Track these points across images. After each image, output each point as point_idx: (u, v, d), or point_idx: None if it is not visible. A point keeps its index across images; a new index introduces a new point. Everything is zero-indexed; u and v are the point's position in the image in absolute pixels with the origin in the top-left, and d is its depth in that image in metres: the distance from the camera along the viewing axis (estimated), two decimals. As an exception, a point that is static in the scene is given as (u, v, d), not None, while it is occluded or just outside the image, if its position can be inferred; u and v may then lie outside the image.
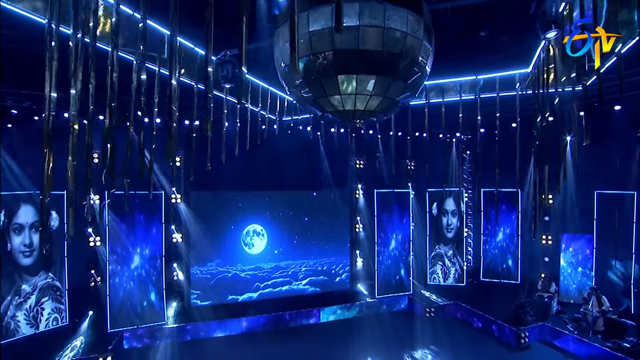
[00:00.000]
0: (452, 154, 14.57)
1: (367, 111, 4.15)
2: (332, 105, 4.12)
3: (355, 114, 4.15)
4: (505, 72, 9.52)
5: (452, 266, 14.07)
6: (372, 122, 4.83)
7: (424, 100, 10.39)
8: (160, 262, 10.74)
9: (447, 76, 9.75)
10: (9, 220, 9.61)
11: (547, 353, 9.80)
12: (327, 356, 9.59)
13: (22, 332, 9.64)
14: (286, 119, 11.60)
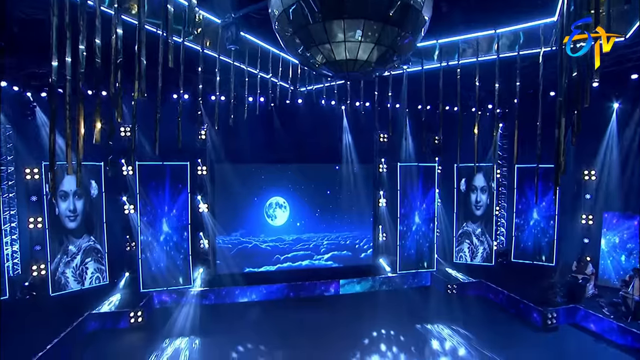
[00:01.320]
0: (484, 127, 13.71)
1: (359, 61, 4.00)
2: (323, 56, 4.03)
3: (347, 64, 4.03)
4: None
5: (480, 245, 13.53)
6: (370, 76, 4.64)
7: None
8: (187, 230, 11.33)
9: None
10: (55, 188, 10.59)
11: (575, 336, 9.24)
12: (342, 325, 9.73)
13: (71, 287, 10.75)
14: (308, 88, 11.48)
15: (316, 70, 4.57)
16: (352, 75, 4.40)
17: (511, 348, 8.37)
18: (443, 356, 8.19)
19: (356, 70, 4.19)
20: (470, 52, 8.77)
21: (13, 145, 11.19)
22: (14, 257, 11.39)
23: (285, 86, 9.98)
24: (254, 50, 8.38)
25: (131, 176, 11.28)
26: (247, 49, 8.10)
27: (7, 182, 11.17)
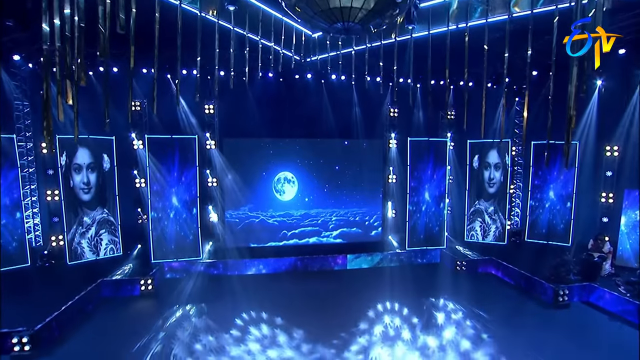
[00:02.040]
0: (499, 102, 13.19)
1: (354, 9, 3.79)
2: (317, 4, 3.84)
3: (342, 12, 3.82)
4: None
5: (493, 223, 13.22)
6: (370, 31, 4.40)
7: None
8: (196, 204, 11.50)
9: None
10: (69, 161, 10.90)
11: (588, 314, 8.95)
12: (347, 297, 9.76)
13: (86, 257, 11.17)
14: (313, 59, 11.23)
15: (311, 22, 4.39)
16: (348, 27, 4.20)
17: (518, 323, 8.20)
18: (446, 328, 8.09)
19: (352, 20, 3.99)
20: (482, 13, 8.23)
21: (31, 121, 11.50)
22: (35, 229, 11.88)
23: (290, 55, 9.74)
24: (255, 15, 8.18)
25: (141, 150, 11.45)
26: (248, 12, 7.90)
27: (27, 158, 11.53)
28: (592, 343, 7.58)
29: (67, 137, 10.79)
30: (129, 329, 8.01)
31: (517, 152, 13.64)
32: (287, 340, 7.59)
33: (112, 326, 8.23)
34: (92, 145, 11.19)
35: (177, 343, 7.41)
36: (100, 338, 7.71)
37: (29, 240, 11.11)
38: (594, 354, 7.15)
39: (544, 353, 7.02)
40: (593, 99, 11.41)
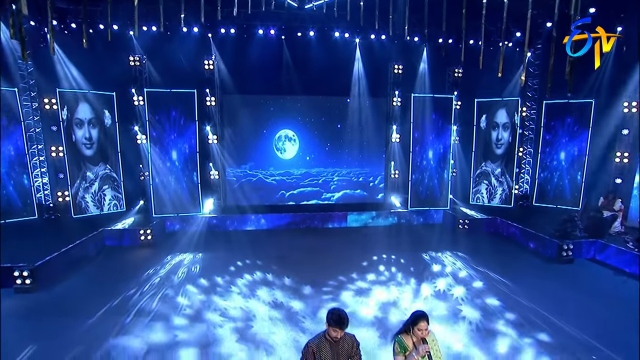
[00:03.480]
0: (509, 58, 12.57)
1: None
2: None
3: None
4: None
5: (499, 186, 12.83)
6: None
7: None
8: (196, 160, 11.50)
9: None
10: (71, 115, 10.98)
11: (592, 269, 8.66)
12: (344, 250, 9.73)
13: (90, 211, 11.39)
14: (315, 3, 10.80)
15: None
16: None
17: (518, 276, 7.98)
18: (443, 277, 7.96)
19: None
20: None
21: (35, 81, 11.54)
22: (44, 188, 12.13)
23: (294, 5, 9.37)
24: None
25: (142, 106, 11.42)
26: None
27: (33, 118, 11.66)
28: (593, 294, 7.33)
29: (67, 90, 10.88)
30: (126, 272, 8.18)
31: (528, 112, 13.02)
32: (279, 283, 7.61)
33: (110, 269, 8.43)
34: (93, 101, 11.22)
35: (170, 284, 7.51)
36: (97, 279, 7.91)
37: (39, 198, 11.36)
38: (593, 303, 6.91)
39: (541, 301, 6.83)
40: (610, 52, 10.63)
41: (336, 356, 3.15)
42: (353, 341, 3.27)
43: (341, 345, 3.18)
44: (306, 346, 3.18)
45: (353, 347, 3.24)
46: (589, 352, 5.28)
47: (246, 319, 6.23)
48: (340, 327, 3.06)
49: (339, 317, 3.06)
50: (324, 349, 3.14)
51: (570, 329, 5.88)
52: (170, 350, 5.32)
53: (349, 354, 3.23)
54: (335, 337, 3.11)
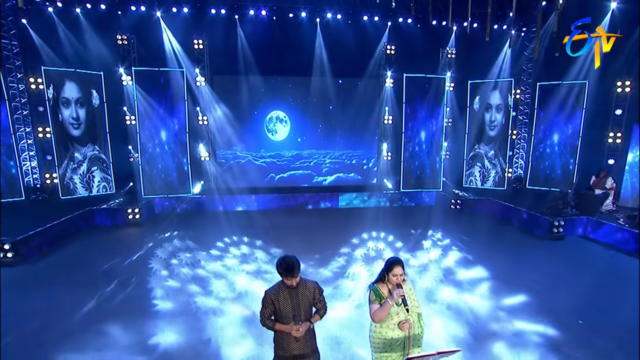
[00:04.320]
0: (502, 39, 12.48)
1: None
2: None
3: None
4: None
5: (493, 168, 12.75)
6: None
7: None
8: (185, 142, 11.36)
9: None
10: (57, 94, 10.80)
11: (582, 244, 8.60)
12: (333, 229, 9.63)
13: (79, 193, 11.24)
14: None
15: None
16: None
17: (506, 250, 7.93)
18: (430, 250, 7.88)
19: None
20: None
21: (21, 62, 11.33)
22: (33, 172, 11.95)
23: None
24: None
25: (130, 87, 11.24)
26: None
27: (20, 100, 11.46)
28: (581, 266, 7.29)
29: (53, 69, 10.69)
30: (111, 248, 8.07)
31: (521, 94, 12.91)
32: (265, 257, 7.51)
33: (95, 246, 8.31)
34: (80, 80, 11.04)
35: (155, 259, 7.41)
36: (82, 254, 7.78)
37: (27, 182, 11.21)
38: (580, 273, 6.86)
39: (527, 270, 6.77)
40: (603, 24, 10.47)
41: (296, 303, 3.04)
42: (315, 288, 3.15)
43: (301, 293, 3.06)
44: (264, 295, 3.07)
45: (315, 293, 3.13)
46: (575, 316, 5.22)
47: (229, 289, 6.13)
48: (292, 275, 2.94)
49: (288, 265, 2.94)
50: (282, 297, 3.03)
51: (555, 296, 5.82)
52: (151, 318, 5.23)
53: (310, 301, 3.11)
54: (291, 285, 3.01)
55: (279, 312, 3.03)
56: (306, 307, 3.08)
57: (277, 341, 3.14)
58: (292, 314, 3.02)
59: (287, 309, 3.02)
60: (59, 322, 5.06)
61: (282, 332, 3.05)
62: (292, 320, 3.01)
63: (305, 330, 3.02)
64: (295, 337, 3.03)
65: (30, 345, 4.56)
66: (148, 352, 4.46)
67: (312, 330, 3.19)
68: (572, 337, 4.75)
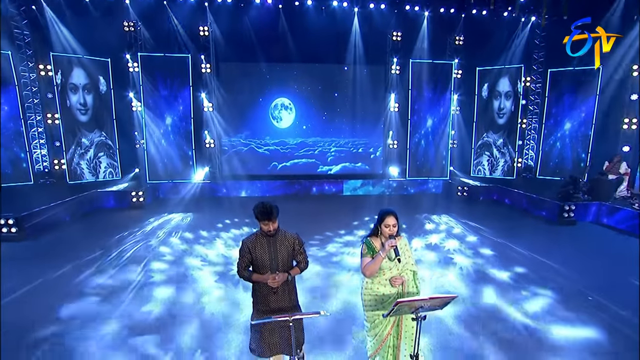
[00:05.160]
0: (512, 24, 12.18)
1: None
2: None
3: None
4: None
5: (501, 157, 12.43)
6: None
7: None
8: (190, 127, 11.40)
9: None
10: (65, 80, 10.95)
11: (596, 231, 8.26)
12: (336, 213, 9.52)
13: (86, 178, 11.35)
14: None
15: None
16: None
17: (514, 235, 7.65)
18: (436, 233, 7.69)
19: None
20: None
21: (32, 51, 11.52)
22: (43, 160, 12.14)
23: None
24: None
25: (136, 73, 11.33)
26: None
27: (32, 88, 11.65)
28: (591, 249, 7.01)
29: (61, 54, 10.83)
30: (114, 227, 8.10)
31: (531, 81, 12.56)
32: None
33: (98, 225, 8.37)
34: (88, 66, 11.17)
35: (155, 237, 7.40)
36: (85, 232, 7.83)
37: (37, 169, 11.36)
38: (590, 256, 6.58)
39: (536, 253, 6.52)
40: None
41: (274, 252, 2.91)
42: (295, 239, 3.02)
43: (280, 242, 2.94)
44: (241, 244, 2.95)
45: (295, 244, 3.00)
46: (584, 294, 4.98)
47: (226, 263, 6.06)
48: (269, 219, 2.83)
49: (264, 208, 2.82)
50: (259, 245, 2.91)
51: (565, 276, 5.58)
52: (146, 287, 5.18)
53: (289, 252, 2.98)
54: (269, 231, 2.87)
55: (256, 262, 2.90)
56: (284, 257, 2.95)
57: (255, 294, 3.01)
58: (269, 263, 2.89)
59: (264, 258, 2.89)
60: (58, 285, 5.06)
61: (260, 283, 2.93)
62: (269, 270, 2.89)
63: (282, 280, 2.87)
64: (272, 289, 2.90)
65: (31, 303, 4.56)
66: (143, 317, 4.42)
67: (292, 285, 3.04)
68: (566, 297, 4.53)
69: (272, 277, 2.83)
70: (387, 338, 3.17)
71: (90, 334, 4.02)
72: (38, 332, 4.00)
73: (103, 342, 3.86)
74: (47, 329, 4.09)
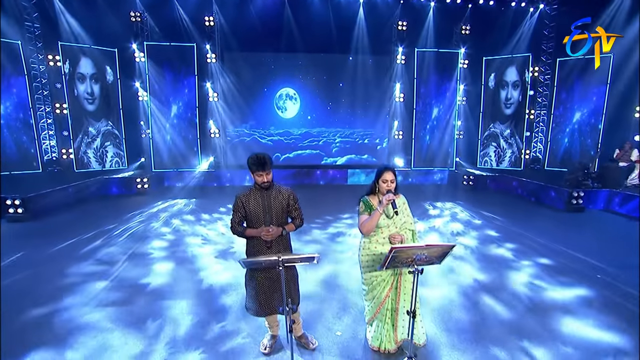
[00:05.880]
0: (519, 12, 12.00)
1: None
2: None
3: None
4: None
5: (509, 148, 12.25)
6: None
7: None
8: (195, 117, 11.46)
9: None
10: (73, 69, 11.10)
11: (603, 216, 8.06)
12: (339, 200, 9.45)
13: (93, 167, 11.49)
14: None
15: None
16: None
17: (519, 219, 7.51)
18: (441, 217, 7.57)
19: None
20: None
21: (42, 44, 11.69)
22: (52, 150, 12.31)
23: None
24: None
25: (142, 63, 11.44)
26: None
27: (41, 80, 11.83)
28: (599, 232, 6.81)
29: (69, 44, 10.99)
30: (118, 210, 8.16)
31: (539, 71, 12.35)
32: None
33: (103, 209, 8.43)
34: (95, 56, 11.31)
35: (157, 219, 7.43)
36: (90, 214, 7.90)
37: (47, 159, 11.52)
38: (598, 238, 6.41)
39: (542, 235, 6.37)
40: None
41: (267, 206, 2.86)
42: (290, 194, 2.97)
43: (274, 196, 2.89)
44: (235, 199, 2.92)
45: (289, 199, 2.95)
46: (593, 272, 4.84)
47: (228, 242, 6.05)
48: (263, 169, 2.78)
49: (258, 159, 2.76)
50: (252, 199, 2.87)
51: (572, 255, 5.43)
52: (145, 261, 5.19)
53: (284, 207, 2.93)
54: (263, 182, 2.83)
55: (250, 216, 2.87)
56: (278, 211, 2.90)
57: (249, 250, 2.98)
58: (262, 217, 2.85)
59: (257, 212, 2.85)
60: (59, 256, 5.10)
61: (254, 239, 2.89)
62: (263, 225, 2.85)
63: (276, 234, 2.82)
64: (266, 244, 2.86)
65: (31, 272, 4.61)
66: (141, 288, 4.42)
67: (287, 241, 3.00)
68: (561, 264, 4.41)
69: (266, 230, 2.79)
70: (385, 301, 3.11)
71: (86, 299, 4.03)
72: (36, 299, 4.03)
73: (99, 304, 3.87)
74: (45, 295, 4.11)
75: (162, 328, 3.47)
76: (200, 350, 3.14)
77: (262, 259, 2.49)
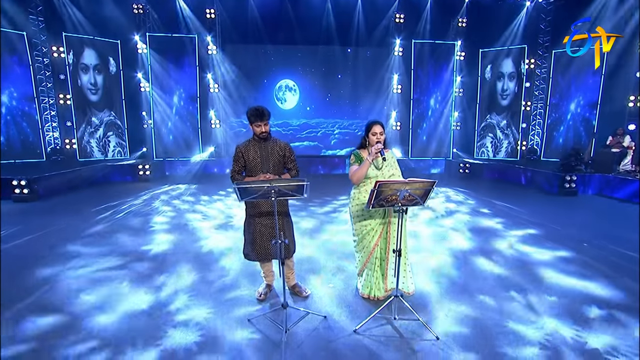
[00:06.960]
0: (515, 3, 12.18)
1: None
2: None
3: None
4: None
5: (505, 139, 12.41)
6: None
7: None
8: (196, 108, 11.67)
9: None
10: (77, 60, 11.33)
11: (595, 200, 8.20)
12: (340, 185, 9.62)
13: (95, 156, 11.69)
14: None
15: None
16: None
17: (513, 201, 7.66)
18: (432, 199, 7.74)
19: None
20: None
21: (46, 36, 11.92)
22: (55, 142, 12.50)
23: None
24: None
25: (145, 54, 11.66)
26: None
27: (45, 72, 12.05)
28: (590, 212, 6.97)
29: (73, 35, 11.21)
30: (121, 193, 8.33)
31: (535, 63, 12.52)
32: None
33: (106, 192, 8.59)
34: (99, 47, 11.53)
35: (160, 200, 7.60)
36: (93, 196, 8.07)
37: (50, 150, 11.70)
38: (588, 215, 6.57)
39: (533, 213, 6.53)
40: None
41: (265, 156, 3.06)
42: (286, 145, 3.19)
43: (271, 147, 3.10)
44: (235, 149, 3.12)
45: (286, 151, 3.16)
46: (580, 241, 5.00)
47: (226, 217, 6.22)
48: (261, 119, 2.98)
49: (257, 110, 2.97)
50: (251, 149, 3.07)
51: (560, 229, 5.59)
52: (146, 232, 5.37)
53: (280, 157, 3.13)
54: (261, 133, 3.02)
55: (249, 165, 3.06)
56: (276, 161, 3.10)
57: (249, 211, 3.18)
58: (260, 166, 3.05)
59: (256, 161, 3.05)
60: (62, 231, 5.28)
61: (253, 203, 3.09)
62: (260, 172, 3.03)
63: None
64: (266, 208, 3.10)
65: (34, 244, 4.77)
66: (144, 253, 4.59)
67: (285, 206, 3.24)
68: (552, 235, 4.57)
69: (264, 176, 2.98)
70: (374, 249, 3.27)
71: (90, 268, 4.20)
72: (39, 268, 4.20)
73: (105, 267, 4.04)
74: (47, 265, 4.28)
75: (167, 282, 3.64)
76: (205, 299, 3.31)
77: (255, 185, 2.62)
